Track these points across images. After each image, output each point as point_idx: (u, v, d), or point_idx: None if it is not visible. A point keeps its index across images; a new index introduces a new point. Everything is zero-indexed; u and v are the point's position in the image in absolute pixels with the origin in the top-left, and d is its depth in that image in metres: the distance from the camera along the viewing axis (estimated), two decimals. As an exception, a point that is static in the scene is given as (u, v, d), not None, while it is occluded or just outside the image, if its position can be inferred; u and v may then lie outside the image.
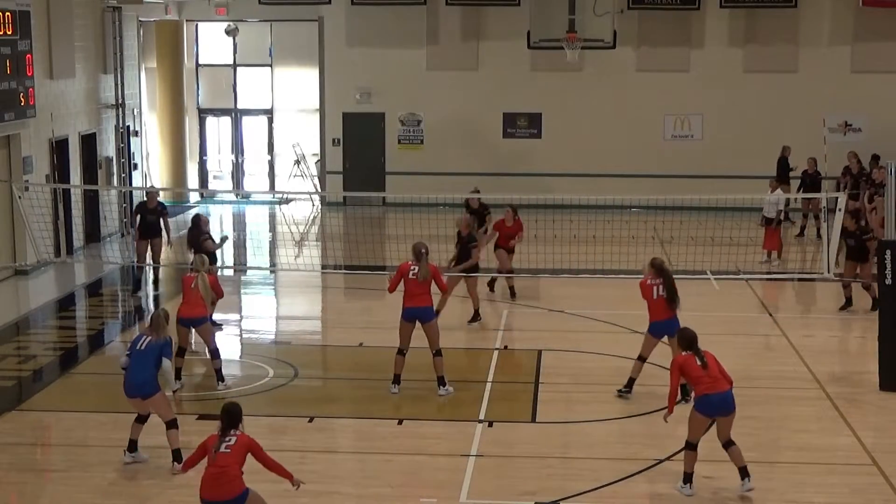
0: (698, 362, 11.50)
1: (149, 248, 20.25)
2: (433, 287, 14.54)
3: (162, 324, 12.14)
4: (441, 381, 14.39)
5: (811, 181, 25.26)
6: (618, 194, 24.09)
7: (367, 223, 26.61)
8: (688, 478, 11.45)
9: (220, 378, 14.67)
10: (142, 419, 12.19)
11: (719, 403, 11.37)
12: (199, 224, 18.09)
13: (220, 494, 9.74)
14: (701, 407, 11.43)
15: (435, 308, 14.75)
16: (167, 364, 12.09)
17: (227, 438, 9.88)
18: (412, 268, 14.38)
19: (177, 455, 11.89)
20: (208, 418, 13.49)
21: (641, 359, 14.29)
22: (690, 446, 11.46)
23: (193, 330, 14.93)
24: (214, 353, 14.72)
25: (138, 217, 20.47)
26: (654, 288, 13.96)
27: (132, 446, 12.18)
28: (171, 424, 11.99)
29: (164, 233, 20.23)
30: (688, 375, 11.52)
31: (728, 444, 11.48)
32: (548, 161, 29.54)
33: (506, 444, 12.82)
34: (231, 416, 10.03)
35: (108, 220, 25.76)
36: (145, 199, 20.84)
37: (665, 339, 14.12)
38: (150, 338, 12.08)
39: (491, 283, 20.16)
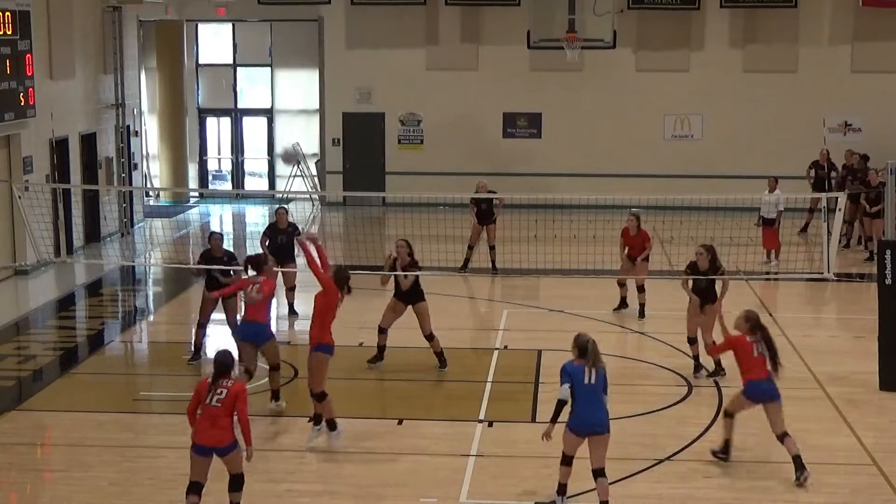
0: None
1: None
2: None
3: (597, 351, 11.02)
4: (275, 395, 13.86)
5: (825, 173, 25.25)
6: (618, 194, 24.05)
7: (366, 223, 26.62)
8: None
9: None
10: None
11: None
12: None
13: (212, 441, 10.12)
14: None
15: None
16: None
17: (218, 391, 10.16)
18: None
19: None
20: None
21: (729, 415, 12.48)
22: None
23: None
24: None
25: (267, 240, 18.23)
26: (755, 346, 12.08)
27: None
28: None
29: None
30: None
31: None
32: (548, 161, 29.54)
33: (506, 444, 12.82)
34: (221, 366, 10.29)
35: (109, 220, 25.75)
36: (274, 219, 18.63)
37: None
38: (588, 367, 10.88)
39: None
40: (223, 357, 10.44)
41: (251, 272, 14.29)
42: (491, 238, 21.58)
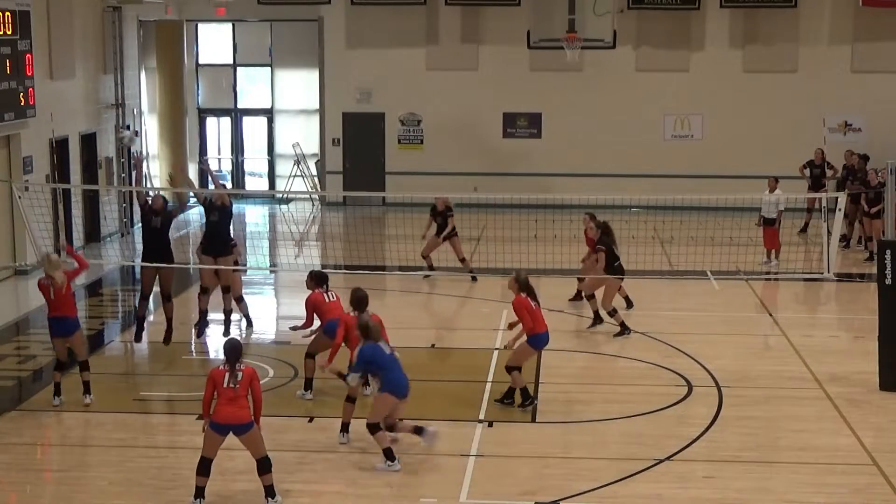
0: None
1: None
2: None
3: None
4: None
5: (820, 173, 25.28)
6: (618, 194, 24.09)
7: (367, 223, 26.62)
8: None
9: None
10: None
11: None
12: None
13: (231, 419, 10.88)
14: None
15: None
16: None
17: (234, 375, 10.89)
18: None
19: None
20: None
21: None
22: None
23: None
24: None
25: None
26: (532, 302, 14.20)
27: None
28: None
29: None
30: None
31: None
32: (547, 161, 29.54)
33: (506, 444, 12.82)
34: (235, 352, 11.03)
35: (108, 220, 25.75)
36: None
37: None
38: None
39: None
40: (234, 343, 11.19)
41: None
42: (458, 252, 21.10)
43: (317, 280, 14.39)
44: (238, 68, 31.70)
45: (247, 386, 10.94)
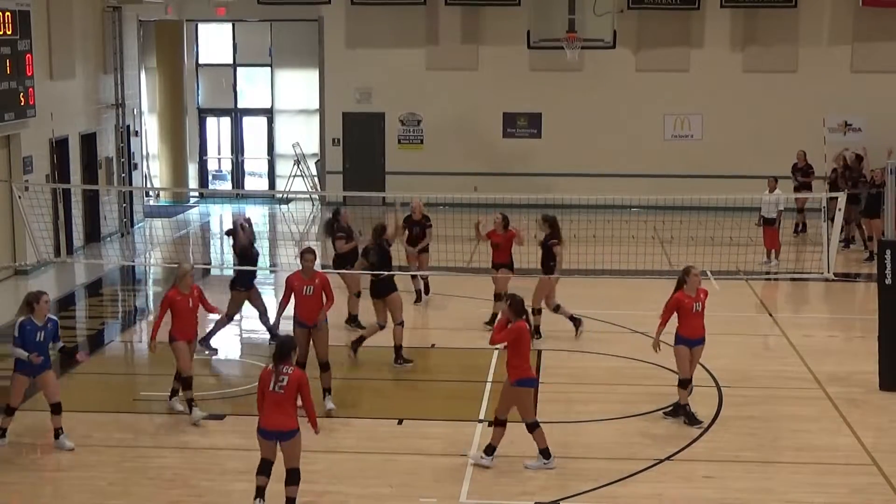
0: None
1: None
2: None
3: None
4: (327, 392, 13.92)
5: (802, 175, 25.28)
6: (618, 194, 24.07)
7: (366, 223, 26.58)
8: None
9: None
10: None
11: None
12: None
13: (276, 425, 10.55)
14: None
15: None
16: None
17: (280, 378, 10.53)
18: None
19: None
20: (209, 418, 13.51)
21: None
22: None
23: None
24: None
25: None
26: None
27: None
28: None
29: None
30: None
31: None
32: (547, 161, 29.54)
33: (506, 444, 12.80)
34: (280, 351, 10.67)
35: (108, 220, 25.75)
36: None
37: None
38: None
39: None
40: (285, 342, 10.88)
41: None
42: (422, 264, 19.43)
43: None
44: (238, 68, 31.71)
45: (294, 391, 10.54)
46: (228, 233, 17.52)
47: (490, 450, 12.10)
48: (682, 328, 13.50)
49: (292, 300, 14.05)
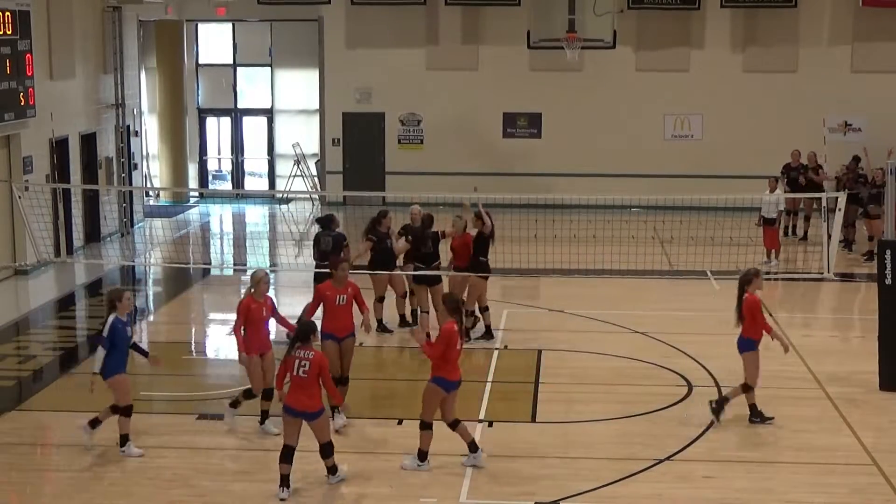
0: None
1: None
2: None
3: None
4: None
5: (796, 175, 25.22)
6: (618, 194, 24.09)
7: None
8: None
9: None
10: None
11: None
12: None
13: (303, 406, 11.21)
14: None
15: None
16: None
17: (303, 364, 11.20)
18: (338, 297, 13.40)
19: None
20: (208, 419, 13.51)
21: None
22: None
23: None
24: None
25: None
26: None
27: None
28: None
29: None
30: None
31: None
32: (548, 161, 29.54)
33: (506, 444, 12.82)
34: (300, 332, 11.39)
35: (108, 220, 25.75)
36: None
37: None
38: None
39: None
40: (306, 324, 11.55)
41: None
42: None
43: None
44: (238, 68, 31.71)
45: (316, 374, 11.20)
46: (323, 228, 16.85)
47: (422, 456, 11.98)
48: (755, 331, 13.30)
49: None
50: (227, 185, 32.05)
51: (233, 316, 16.98)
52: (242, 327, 12.93)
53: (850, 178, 24.28)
